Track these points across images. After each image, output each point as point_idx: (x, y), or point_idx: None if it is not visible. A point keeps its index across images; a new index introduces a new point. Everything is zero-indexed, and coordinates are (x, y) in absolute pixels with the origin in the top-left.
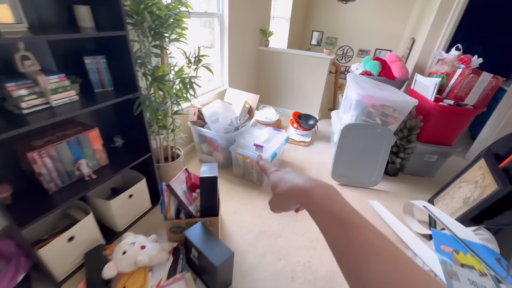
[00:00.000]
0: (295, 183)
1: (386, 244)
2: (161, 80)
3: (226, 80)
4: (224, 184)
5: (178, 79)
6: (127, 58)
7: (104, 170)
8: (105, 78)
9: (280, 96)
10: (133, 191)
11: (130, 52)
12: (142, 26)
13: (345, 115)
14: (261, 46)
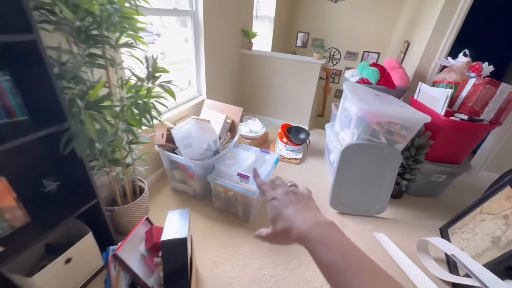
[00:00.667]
0: (291, 224)
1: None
2: (96, 107)
3: (203, 89)
4: (201, 221)
5: (130, 99)
6: (44, 74)
7: (21, 234)
8: (13, 104)
9: (266, 105)
10: (73, 252)
11: (47, 65)
12: (70, 26)
13: (344, 132)
14: (243, 49)
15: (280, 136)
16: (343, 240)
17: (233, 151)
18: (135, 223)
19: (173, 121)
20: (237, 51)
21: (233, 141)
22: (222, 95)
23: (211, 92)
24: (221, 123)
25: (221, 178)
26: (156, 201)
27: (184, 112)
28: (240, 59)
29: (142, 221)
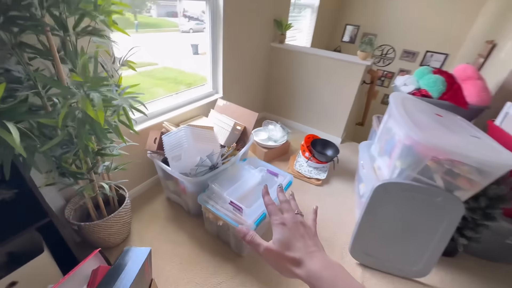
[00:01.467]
0: (303, 259)
1: None
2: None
3: (219, 86)
4: (186, 245)
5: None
6: None
7: None
8: None
9: (293, 108)
10: (20, 275)
11: None
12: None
13: (383, 160)
14: (274, 42)
15: (302, 148)
16: (353, 284)
17: (237, 166)
18: (112, 239)
19: (177, 121)
20: (267, 44)
21: (238, 154)
22: (242, 94)
23: (229, 90)
24: (228, 130)
25: (213, 201)
26: (145, 211)
27: (193, 111)
28: (269, 53)
29: (92, 254)
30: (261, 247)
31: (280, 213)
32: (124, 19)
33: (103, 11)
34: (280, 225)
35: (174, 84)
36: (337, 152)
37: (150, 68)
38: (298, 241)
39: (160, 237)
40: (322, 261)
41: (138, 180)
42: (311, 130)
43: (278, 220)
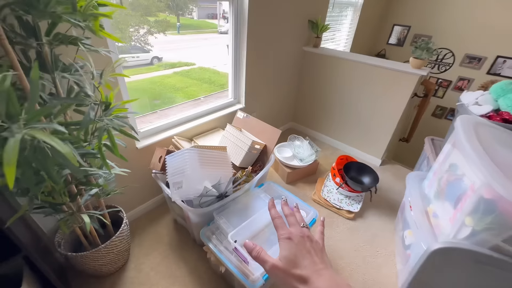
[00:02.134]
0: (309, 277)
1: None
2: None
3: (242, 95)
4: (188, 283)
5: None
6: None
7: None
8: None
9: (325, 120)
10: None
11: None
12: None
13: (442, 205)
14: (308, 46)
15: (333, 172)
16: None
17: (251, 194)
18: (105, 269)
19: (191, 135)
20: (299, 48)
21: (253, 179)
22: (267, 102)
23: (252, 98)
24: (245, 150)
25: (217, 239)
26: (148, 234)
27: (210, 123)
28: (301, 58)
29: None
30: (267, 264)
31: (286, 227)
32: (165, 21)
33: (84, 15)
34: (287, 240)
35: (208, 84)
36: (375, 180)
37: (187, 68)
38: (305, 258)
39: (159, 268)
40: (329, 280)
41: (143, 198)
42: (345, 148)
43: (285, 235)
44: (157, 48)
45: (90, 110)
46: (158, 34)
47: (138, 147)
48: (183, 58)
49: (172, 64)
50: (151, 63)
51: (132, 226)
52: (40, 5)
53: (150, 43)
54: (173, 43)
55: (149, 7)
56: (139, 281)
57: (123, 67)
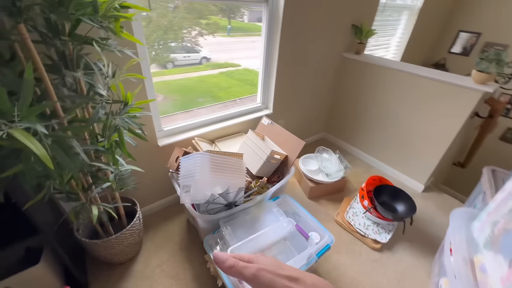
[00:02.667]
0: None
1: None
2: None
3: (270, 100)
4: (189, 287)
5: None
6: None
7: None
8: None
9: (361, 134)
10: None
11: None
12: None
13: (494, 257)
14: (349, 52)
15: (361, 193)
16: None
17: (264, 207)
18: (115, 258)
19: (213, 137)
20: (338, 54)
21: (268, 191)
22: (297, 109)
23: (281, 104)
24: (263, 159)
25: (220, 249)
26: (160, 231)
27: (235, 127)
28: (340, 65)
29: None
30: (250, 269)
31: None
32: (215, 24)
33: (105, 17)
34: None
35: (250, 86)
36: (412, 209)
37: (233, 69)
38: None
39: (164, 266)
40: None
41: (161, 194)
42: (381, 166)
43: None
44: (206, 49)
45: (99, 109)
46: (207, 36)
47: (160, 145)
48: (230, 59)
49: (219, 64)
50: (200, 62)
51: (148, 220)
52: (61, 7)
53: (200, 44)
54: (222, 45)
55: (202, 11)
56: (145, 275)
57: (174, 65)
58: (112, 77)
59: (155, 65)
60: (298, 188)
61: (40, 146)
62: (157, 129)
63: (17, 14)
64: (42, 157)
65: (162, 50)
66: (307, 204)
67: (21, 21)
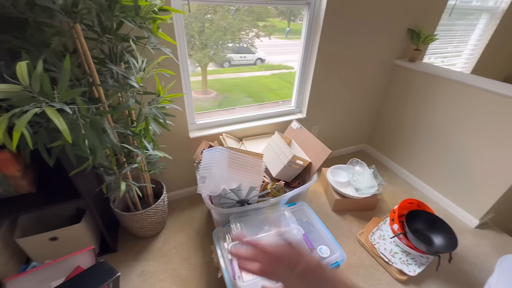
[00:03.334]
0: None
1: None
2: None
3: (304, 104)
4: (193, 277)
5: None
6: None
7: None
8: None
9: (406, 151)
10: (61, 234)
11: None
12: None
13: None
14: (402, 60)
15: (392, 216)
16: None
17: (277, 210)
18: (140, 232)
19: (242, 135)
20: (389, 60)
21: (284, 195)
22: (337, 118)
23: (317, 110)
24: (284, 162)
25: (226, 242)
26: (183, 215)
27: (265, 127)
28: (390, 73)
29: (85, 250)
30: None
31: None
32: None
33: (143, 18)
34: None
35: None
36: (452, 245)
37: (286, 71)
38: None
39: (180, 248)
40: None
41: (188, 181)
42: (425, 189)
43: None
44: (262, 51)
45: (130, 98)
46: (264, 37)
47: (191, 137)
48: (284, 61)
49: (272, 66)
50: (254, 63)
51: (174, 204)
52: (109, 11)
53: (255, 46)
54: (278, 47)
55: (261, 13)
56: (162, 252)
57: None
58: (142, 71)
59: (213, 63)
60: (324, 198)
61: (63, 122)
62: (190, 122)
63: (75, 17)
64: (63, 131)
65: (220, 49)
66: (329, 217)
67: (77, 21)
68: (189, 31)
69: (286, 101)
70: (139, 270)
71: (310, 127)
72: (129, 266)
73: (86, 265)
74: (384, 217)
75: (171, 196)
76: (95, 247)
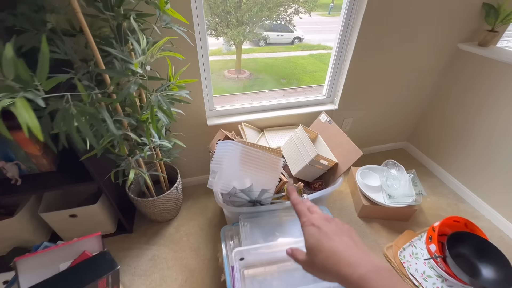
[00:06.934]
0: (338, 261)
1: None
2: None
3: (337, 94)
4: (200, 266)
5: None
6: None
7: (42, 178)
8: None
9: (459, 155)
10: (78, 212)
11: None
12: None
13: None
14: (468, 43)
15: (429, 233)
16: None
17: (291, 214)
18: (153, 217)
19: (264, 125)
20: (450, 44)
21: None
22: (374, 111)
23: (352, 101)
24: (306, 161)
25: (234, 243)
26: (198, 202)
27: (291, 118)
28: (451, 59)
29: (91, 236)
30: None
31: (309, 213)
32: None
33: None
34: (310, 226)
35: None
36: (507, 281)
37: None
38: (331, 240)
39: (191, 237)
40: (367, 263)
41: (205, 169)
42: (480, 205)
43: (308, 221)
44: (300, 29)
45: (132, 84)
46: (303, 14)
47: (209, 124)
48: (324, 41)
49: (310, 46)
50: (291, 42)
51: (191, 190)
52: None
53: (293, 23)
54: (319, 24)
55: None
56: (173, 239)
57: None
58: (144, 55)
59: (248, 42)
60: (350, 200)
61: (33, 117)
62: (209, 108)
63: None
64: (33, 128)
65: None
66: (353, 223)
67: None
68: (225, 7)
69: (319, 86)
70: (150, 254)
71: (342, 120)
72: (142, 249)
73: (92, 250)
74: (420, 231)
75: (188, 182)
76: (112, 226)
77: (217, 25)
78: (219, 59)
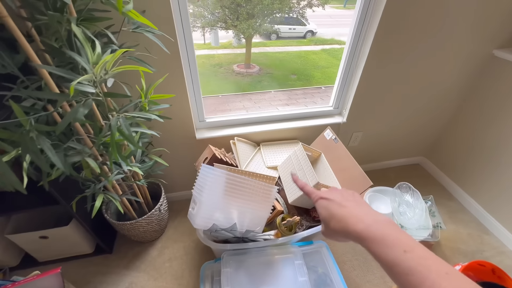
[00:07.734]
0: (346, 224)
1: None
2: None
3: (346, 105)
4: None
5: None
6: None
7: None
8: None
9: (487, 179)
10: (50, 233)
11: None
12: None
13: None
14: (506, 49)
15: None
16: (405, 239)
17: (287, 251)
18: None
19: (261, 138)
20: (484, 50)
21: (296, 235)
22: (387, 124)
23: (362, 114)
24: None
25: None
26: (185, 220)
27: (292, 131)
28: (483, 67)
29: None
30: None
31: (316, 190)
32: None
33: None
34: (320, 200)
35: None
36: None
37: (338, 47)
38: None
39: (174, 263)
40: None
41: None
42: (507, 238)
43: (317, 196)
44: (313, 23)
45: (79, 108)
46: (317, 7)
47: (198, 137)
48: (337, 35)
49: (323, 40)
50: (304, 36)
51: (179, 204)
52: None
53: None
54: (333, 18)
55: None
56: (154, 265)
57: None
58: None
59: (258, 35)
60: None
61: None
62: (199, 119)
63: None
64: None
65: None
66: (358, 254)
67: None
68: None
69: (328, 87)
70: (128, 282)
71: (351, 135)
72: (120, 275)
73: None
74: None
75: (176, 197)
76: (89, 247)
77: (226, 17)
78: (229, 52)
